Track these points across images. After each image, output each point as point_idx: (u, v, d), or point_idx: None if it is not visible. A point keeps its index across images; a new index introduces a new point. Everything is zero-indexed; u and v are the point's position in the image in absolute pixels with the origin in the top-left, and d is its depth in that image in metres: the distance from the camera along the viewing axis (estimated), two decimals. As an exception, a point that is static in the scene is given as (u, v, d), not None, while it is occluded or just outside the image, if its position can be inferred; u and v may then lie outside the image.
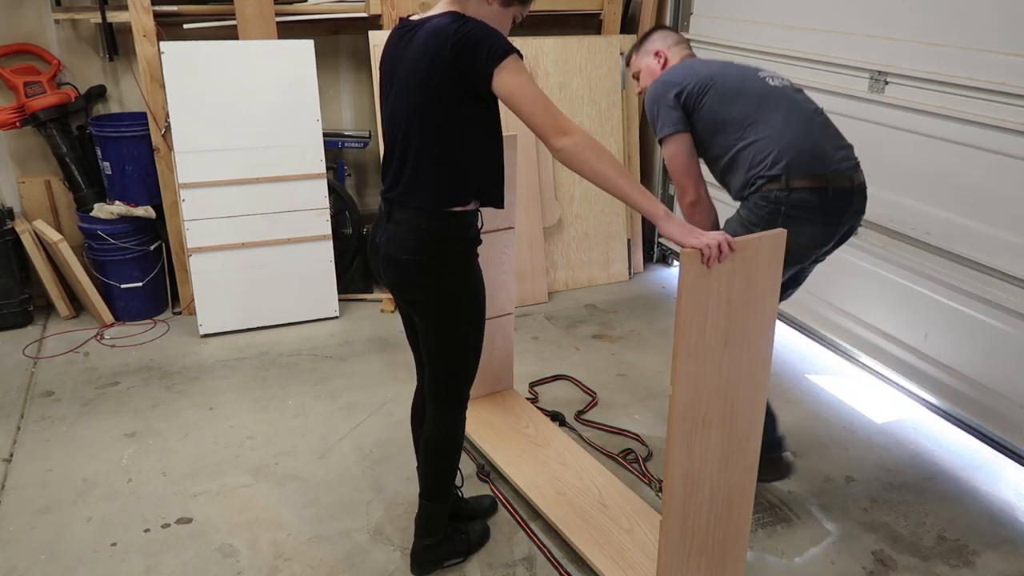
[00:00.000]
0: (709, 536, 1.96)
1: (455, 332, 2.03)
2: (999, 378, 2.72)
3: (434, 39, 1.79)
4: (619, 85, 4.23)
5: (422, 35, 1.83)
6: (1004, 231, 2.64)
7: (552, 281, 4.22)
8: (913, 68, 2.86)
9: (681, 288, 1.66)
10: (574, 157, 1.73)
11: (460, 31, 1.76)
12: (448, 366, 2.08)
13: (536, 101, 1.74)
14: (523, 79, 1.75)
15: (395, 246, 1.94)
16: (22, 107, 3.59)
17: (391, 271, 1.99)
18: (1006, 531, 2.48)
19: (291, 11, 3.73)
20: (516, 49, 1.77)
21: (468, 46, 1.74)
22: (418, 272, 1.94)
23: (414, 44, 1.85)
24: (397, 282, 2.01)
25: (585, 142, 1.73)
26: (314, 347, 3.60)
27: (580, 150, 1.72)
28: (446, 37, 1.76)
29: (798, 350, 3.56)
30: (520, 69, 1.75)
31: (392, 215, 1.95)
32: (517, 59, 1.76)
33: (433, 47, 1.79)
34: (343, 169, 4.11)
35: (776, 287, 1.83)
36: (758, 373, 1.87)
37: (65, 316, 3.82)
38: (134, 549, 2.37)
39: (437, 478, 2.21)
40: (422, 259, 1.92)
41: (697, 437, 1.82)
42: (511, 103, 1.76)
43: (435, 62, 1.78)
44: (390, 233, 1.96)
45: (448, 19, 1.80)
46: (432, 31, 1.81)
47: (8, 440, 2.89)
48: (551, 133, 1.73)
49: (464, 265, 1.97)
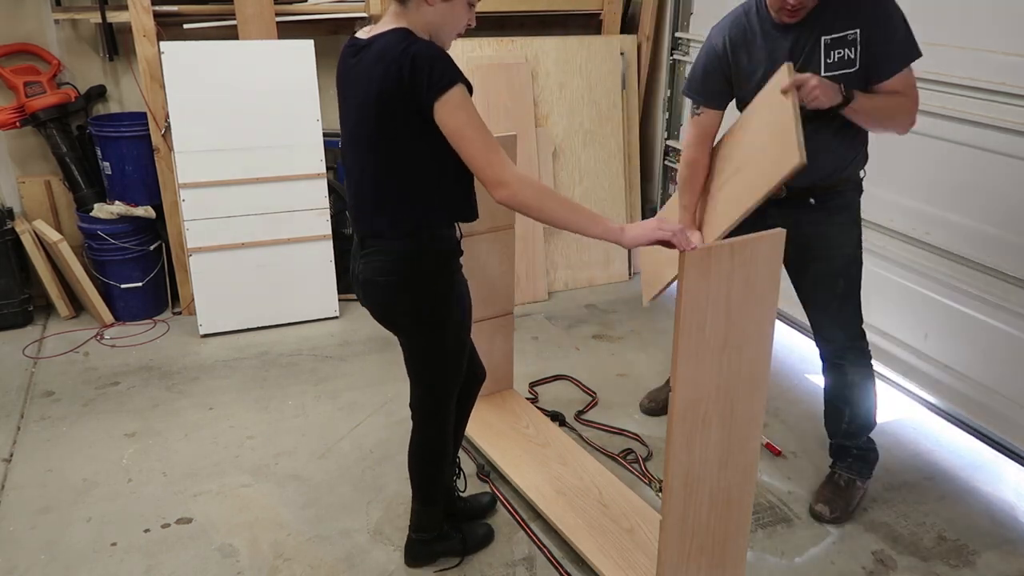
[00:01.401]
0: (709, 536, 1.96)
1: (438, 351, 2.02)
2: (999, 378, 2.71)
3: (381, 62, 1.73)
4: (619, 85, 4.23)
5: (369, 57, 1.77)
6: (1004, 231, 2.64)
7: (552, 281, 4.22)
8: (913, 68, 2.86)
9: (681, 288, 1.66)
10: (514, 206, 1.72)
11: (405, 53, 1.69)
12: (431, 382, 2.08)
13: (477, 150, 1.69)
14: (463, 118, 1.69)
15: (372, 270, 1.93)
16: (22, 107, 3.59)
17: (371, 296, 1.98)
18: (1006, 531, 2.48)
19: (291, 11, 3.73)
20: (462, 79, 1.70)
21: (413, 71, 1.67)
22: (397, 293, 1.92)
23: (362, 66, 1.79)
24: (378, 305, 2.00)
25: (522, 193, 1.69)
26: (314, 347, 3.60)
27: (517, 202, 1.71)
28: (391, 60, 1.70)
29: (798, 350, 3.56)
30: (462, 104, 1.69)
31: (365, 242, 1.93)
32: (461, 92, 1.69)
33: (380, 71, 1.73)
34: (343, 169, 4.11)
35: (775, 286, 1.83)
36: (758, 372, 1.87)
37: (65, 316, 3.82)
38: (134, 549, 2.37)
39: (424, 483, 2.22)
40: (400, 280, 1.90)
41: (697, 437, 1.82)
42: (451, 142, 1.72)
43: (383, 86, 1.72)
44: (366, 260, 1.94)
45: (395, 39, 1.74)
46: (379, 53, 1.75)
47: (8, 440, 2.89)
48: (488, 182, 1.71)
49: (444, 280, 1.94)
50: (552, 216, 1.71)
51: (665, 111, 4.31)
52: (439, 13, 1.78)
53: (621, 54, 4.22)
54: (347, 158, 1.94)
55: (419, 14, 1.78)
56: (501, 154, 1.71)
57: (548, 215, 1.72)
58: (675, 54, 4.20)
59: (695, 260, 1.64)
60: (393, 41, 1.74)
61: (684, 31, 4.12)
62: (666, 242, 1.67)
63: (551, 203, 1.73)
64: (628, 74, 4.27)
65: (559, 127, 4.14)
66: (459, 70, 1.71)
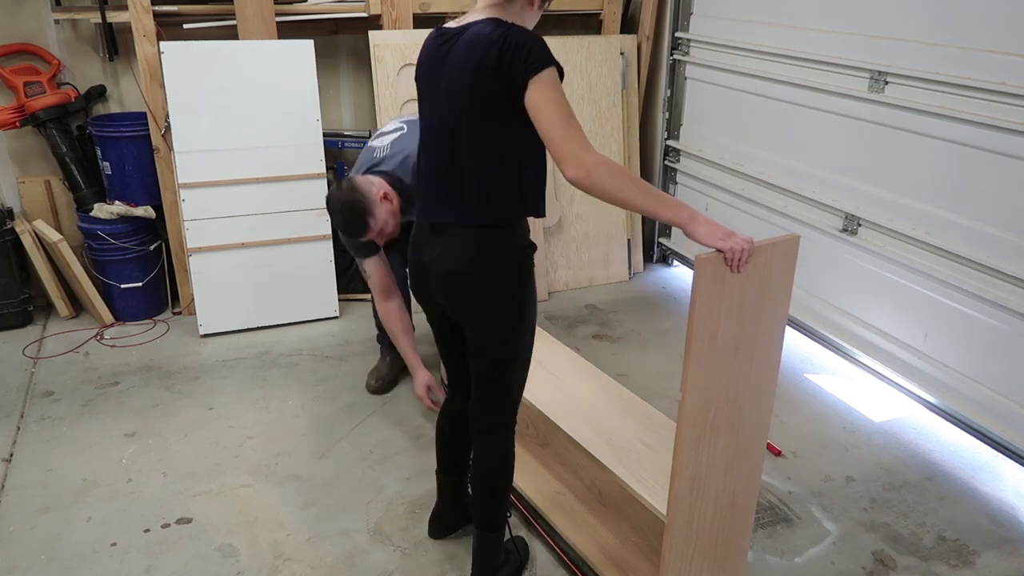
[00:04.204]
0: (712, 538, 1.96)
1: (518, 345, 1.94)
2: (999, 378, 2.72)
3: (477, 48, 1.71)
4: (619, 85, 4.23)
5: (463, 44, 1.75)
6: (1004, 231, 2.64)
7: (552, 281, 4.22)
8: (913, 68, 2.86)
9: (695, 295, 1.62)
10: (587, 186, 1.65)
11: (504, 36, 1.68)
12: (508, 383, 1.98)
13: (557, 123, 1.65)
14: (552, 96, 1.66)
15: (452, 260, 1.86)
16: (22, 107, 3.59)
17: (449, 287, 1.89)
18: (1006, 531, 2.48)
19: (291, 11, 3.73)
20: (555, 63, 1.69)
21: (511, 52, 1.66)
22: (481, 283, 1.85)
23: (455, 54, 1.77)
24: (456, 296, 1.90)
25: (597, 172, 1.63)
26: (314, 347, 3.60)
27: (591, 182, 1.64)
28: (490, 44, 1.69)
29: (798, 350, 3.56)
30: (554, 85, 1.67)
31: (445, 231, 1.87)
32: (554, 73, 1.68)
33: (477, 56, 1.70)
34: (343, 169, 4.11)
35: (788, 291, 1.81)
36: (766, 377, 1.85)
37: (65, 316, 3.82)
38: (134, 549, 2.37)
39: (493, 507, 2.10)
40: (485, 269, 1.85)
41: (705, 442, 1.80)
42: (533, 117, 1.68)
43: (481, 72, 1.70)
44: (443, 249, 1.87)
45: (490, 26, 1.73)
46: (473, 39, 1.73)
47: (8, 440, 2.89)
48: (563, 158, 1.65)
49: (526, 272, 1.90)
50: (623, 199, 1.66)
51: (665, 111, 4.31)
52: (532, 18, 1.84)
53: (621, 54, 4.22)
54: (430, 146, 1.89)
55: (519, 14, 1.81)
56: (582, 134, 1.67)
57: (620, 198, 1.66)
58: (675, 54, 4.20)
59: (709, 266, 1.61)
60: (489, 27, 1.73)
61: (684, 31, 4.12)
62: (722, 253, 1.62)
63: (628, 186, 1.66)
64: (628, 74, 4.27)
65: (559, 127, 4.13)
66: (552, 55, 1.69)
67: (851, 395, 3.23)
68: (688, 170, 4.26)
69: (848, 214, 3.23)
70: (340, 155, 4.11)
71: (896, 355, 3.10)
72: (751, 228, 3.80)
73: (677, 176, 4.39)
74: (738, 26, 3.74)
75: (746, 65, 3.70)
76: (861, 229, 3.20)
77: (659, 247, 4.62)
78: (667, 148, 4.38)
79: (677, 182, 4.40)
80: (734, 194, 3.90)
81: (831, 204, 3.31)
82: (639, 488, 2.01)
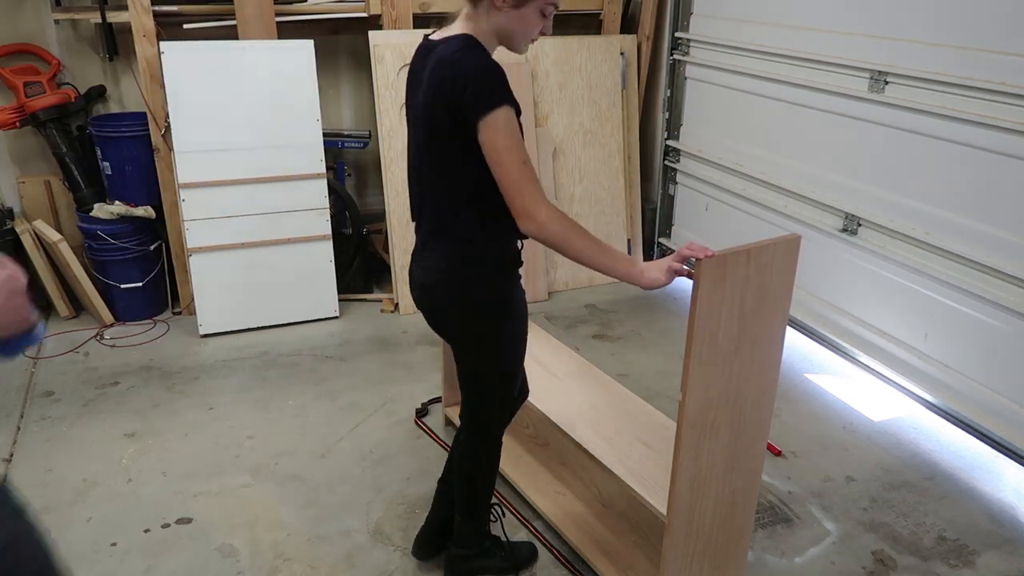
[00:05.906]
0: (712, 539, 1.96)
1: (488, 366, 1.94)
2: (999, 378, 2.72)
3: (438, 69, 1.69)
4: (619, 85, 4.23)
5: (432, 60, 1.73)
6: (1004, 231, 2.64)
7: (552, 281, 4.22)
8: (913, 68, 2.86)
9: (696, 296, 1.62)
10: (540, 239, 1.68)
11: (457, 65, 1.64)
12: (484, 393, 1.99)
13: (511, 172, 1.64)
14: (503, 143, 1.63)
15: (426, 272, 1.88)
16: (22, 107, 3.59)
17: (425, 297, 1.92)
18: (1006, 531, 2.48)
19: (291, 11, 3.73)
20: (510, 100, 1.64)
21: (462, 84, 1.62)
22: (450, 294, 1.86)
23: (426, 69, 1.74)
24: (431, 308, 1.93)
25: (550, 227, 1.65)
26: (314, 347, 3.60)
27: (543, 236, 1.66)
28: (446, 67, 1.66)
29: (798, 350, 3.56)
30: (507, 129, 1.63)
31: (427, 243, 1.88)
32: (506, 115, 1.62)
33: (435, 81, 1.68)
34: (343, 169, 4.11)
35: (789, 291, 1.81)
36: (767, 377, 1.85)
37: (65, 316, 3.82)
38: (134, 549, 2.37)
39: (466, 496, 2.14)
40: (455, 280, 1.84)
41: (705, 443, 1.80)
42: (487, 160, 1.66)
43: (436, 95, 1.68)
44: (425, 261, 1.89)
45: (454, 46, 1.69)
46: (439, 59, 1.70)
47: (8, 440, 2.89)
48: (517, 211, 1.66)
49: (501, 287, 1.87)
50: (577, 254, 1.68)
51: (665, 111, 4.31)
52: (509, 19, 1.72)
53: (621, 54, 4.22)
54: (412, 158, 1.89)
55: (488, 18, 1.72)
56: (535, 185, 1.65)
57: (573, 252, 1.68)
58: (675, 54, 4.20)
59: (710, 267, 1.62)
60: (452, 48, 1.69)
61: (684, 31, 4.12)
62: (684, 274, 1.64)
63: (577, 241, 1.68)
64: (628, 74, 4.27)
65: (559, 127, 4.14)
66: (508, 90, 1.65)
67: (851, 395, 3.23)
68: (688, 170, 4.26)
69: (848, 214, 3.23)
70: (340, 155, 4.11)
71: (896, 355, 3.10)
72: (751, 228, 3.80)
73: (677, 176, 4.39)
74: (738, 26, 3.74)
75: (746, 65, 3.70)
76: (861, 229, 3.20)
77: (659, 247, 4.62)
78: (667, 148, 4.38)
79: (677, 182, 4.40)
80: (734, 194, 3.90)
81: (831, 204, 3.31)
82: (639, 488, 2.01)
